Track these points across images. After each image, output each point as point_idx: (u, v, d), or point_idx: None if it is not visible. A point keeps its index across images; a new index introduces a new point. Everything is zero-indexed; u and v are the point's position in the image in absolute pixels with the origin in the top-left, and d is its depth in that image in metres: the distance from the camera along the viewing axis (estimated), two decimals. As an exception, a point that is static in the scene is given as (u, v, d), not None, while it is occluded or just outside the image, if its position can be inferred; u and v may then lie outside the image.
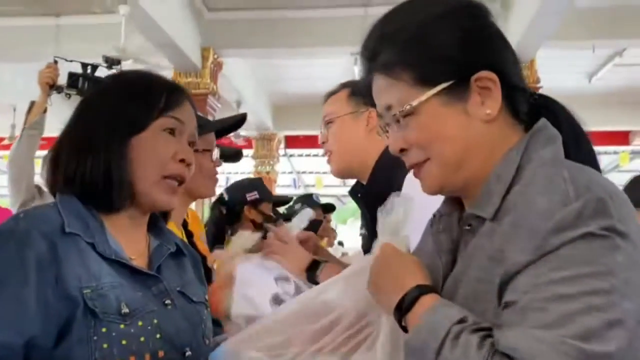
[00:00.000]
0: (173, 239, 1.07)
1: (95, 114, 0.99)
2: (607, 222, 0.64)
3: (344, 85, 1.60)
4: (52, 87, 2.50)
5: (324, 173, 11.15)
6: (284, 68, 7.16)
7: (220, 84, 5.96)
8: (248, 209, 2.58)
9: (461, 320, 0.68)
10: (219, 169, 1.63)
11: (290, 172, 11.38)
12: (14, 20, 5.61)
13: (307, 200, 4.00)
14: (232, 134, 7.63)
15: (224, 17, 5.65)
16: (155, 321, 0.90)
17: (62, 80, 2.64)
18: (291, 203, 3.91)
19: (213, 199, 2.63)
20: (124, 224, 0.98)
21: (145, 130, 0.97)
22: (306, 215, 1.98)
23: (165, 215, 1.10)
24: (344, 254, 4.67)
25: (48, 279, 0.83)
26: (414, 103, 0.79)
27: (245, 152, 10.53)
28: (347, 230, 14.48)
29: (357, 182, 1.61)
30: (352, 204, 13.45)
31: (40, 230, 0.86)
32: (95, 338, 0.84)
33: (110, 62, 2.66)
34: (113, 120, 0.97)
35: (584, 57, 6.07)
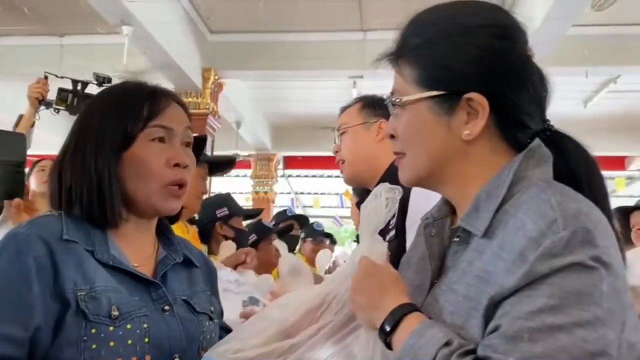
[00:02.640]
0: (182, 251, 1.09)
1: (82, 135, 1.01)
2: (593, 253, 0.67)
3: (358, 100, 1.68)
4: (41, 102, 2.52)
5: (322, 194, 11.19)
6: (283, 90, 7.25)
7: (220, 104, 6.04)
8: (220, 225, 2.58)
9: (447, 344, 0.69)
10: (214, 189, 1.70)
11: (289, 193, 11.41)
12: (19, 40, 5.72)
13: (281, 216, 4.06)
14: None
15: (226, 40, 5.76)
16: (146, 326, 0.92)
17: (53, 95, 2.65)
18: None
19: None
20: (129, 232, 1.01)
21: (134, 144, 0.98)
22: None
23: (172, 219, 1.12)
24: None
25: (46, 281, 0.87)
26: (404, 99, 0.82)
27: (243, 172, 10.52)
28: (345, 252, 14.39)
29: (365, 193, 1.66)
30: (350, 226, 13.43)
31: (39, 235, 0.90)
32: (85, 339, 0.86)
33: (101, 79, 2.65)
34: (99, 140, 0.98)
35: (579, 83, 6.16)
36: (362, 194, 1.68)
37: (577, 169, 0.81)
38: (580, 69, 5.17)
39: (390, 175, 1.48)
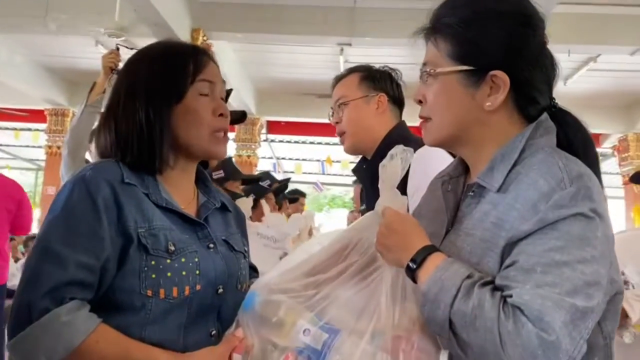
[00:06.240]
0: (219, 197, 1.23)
1: (131, 90, 1.10)
2: (592, 205, 0.82)
3: (352, 70, 1.77)
4: (112, 70, 2.70)
5: (304, 160, 11.28)
6: (269, 54, 7.22)
7: (207, 65, 6.01)
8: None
9: (469, 276, 0.83)
10: None
11: (271, 157, 11.46)
12: (2, -9, 5.59)
13: (267, 175, 4.24)
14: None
15: (215, 0, 5.72)
16: (197, 259, 1.05)
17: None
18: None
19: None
20: (175, 179, 1.13)
21: (185, 97, 1.10)
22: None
23: (205, 164, 1.27)
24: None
25: (112, 218, 0.99)
26: (437, 70, 0.95)
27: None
28: (322, 218, 14.62)
29: (361, 160, 1.78)
30: (329, 192, 13.61)
31: (105, 178, 1.02)
32: (145, 269, 0.99)
33: None
34: (149, 94, 1.08)
35: (560, 60, 6.28)
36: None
37: (575, 140, 0.96)
38: (562, 46, 5.29)
39: (387, 144, 1.61)
